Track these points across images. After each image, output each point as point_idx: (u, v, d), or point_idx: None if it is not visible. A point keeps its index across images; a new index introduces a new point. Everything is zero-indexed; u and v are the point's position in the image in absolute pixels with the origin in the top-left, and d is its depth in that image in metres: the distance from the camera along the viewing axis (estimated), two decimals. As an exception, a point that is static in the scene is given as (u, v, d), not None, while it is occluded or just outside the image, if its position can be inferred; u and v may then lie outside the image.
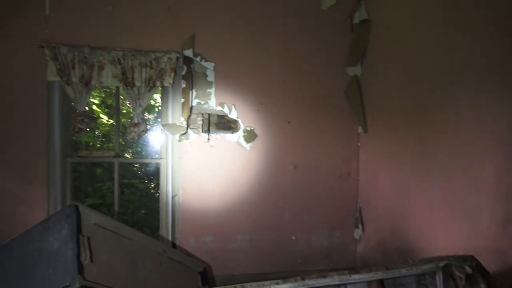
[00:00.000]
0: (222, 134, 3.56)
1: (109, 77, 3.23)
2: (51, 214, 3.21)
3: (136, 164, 5.30)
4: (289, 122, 3.68)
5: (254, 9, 3.58)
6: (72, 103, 3.26)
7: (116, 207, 3.52)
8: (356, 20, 3.70)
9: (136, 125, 3.33)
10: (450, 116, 2.52)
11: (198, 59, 3.47)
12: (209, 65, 3.50)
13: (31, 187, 3.24)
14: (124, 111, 5.19)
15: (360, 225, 3.77)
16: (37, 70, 3.18)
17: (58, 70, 3.13)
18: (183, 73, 3.43)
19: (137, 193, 5.40)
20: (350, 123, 3.80)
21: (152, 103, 5.66)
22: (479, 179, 2.24)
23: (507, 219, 2.04)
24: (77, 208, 2.32)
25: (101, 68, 3.20)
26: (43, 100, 3.22)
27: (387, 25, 3.33)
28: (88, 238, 2.26)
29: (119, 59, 3.21)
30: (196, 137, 3.51)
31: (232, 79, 3.55)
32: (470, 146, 2.33)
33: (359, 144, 3.84)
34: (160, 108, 5.34)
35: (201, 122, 3.48)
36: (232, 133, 3.57)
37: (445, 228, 2.59)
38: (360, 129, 3.77)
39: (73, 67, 3.14)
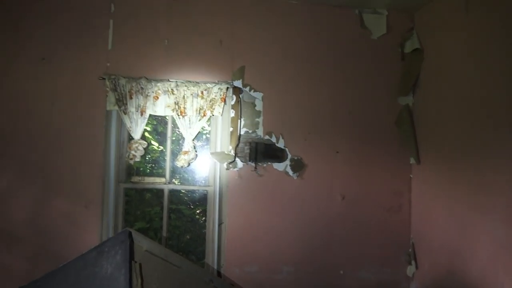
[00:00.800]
0: (269, 163, 3.56)
1: (163, 107, 3.38)
2: (105, 239, 3.34)
3: (182, 190, 5.43)
4: (337, 152, 3.62)
5: (303, 39, 3.63)
6: (128, 131, 3.42)
7: (164, 233, 3.58)
8: (407, 49, 3.63)
9: (186, 153, 3.42)
10: (515, 148, 2.36)
11: (247, 89, 3.55)
12: (258, 95, 3.56)
13: (87, 210, 3.38)
14: (174, 138, 5.38)
15: (413, 262, 3.56)
16: (98, 100, 3.39)
17: (117, 100, 3.32)
18: (232, 102, 3.52)
19: (183, 219, 5.49)
20: (402, 153, 3.67)
21: (200, 130, 5.81)
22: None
23: None
24: (130, 234, 2.38)
25: (155, 98, 3.35)
26: (101, 128, 3.40)
27: (441, 54, 3.24)
28: (140, 265, 2.31)
29: (172, 90, 3.36)
30: (243, 166, 3.54)
31: (280, 109, 3.58)
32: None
33: (411, 175, 3.68)
34: (208, 135, 5.48)
35: (248, 151, 3.51)
36: (279, 162, 3.56)
37: (511, 270, 2.38)
38: (412, 160, 3.62)
39: (131, 97, 3.32)
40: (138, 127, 3.37)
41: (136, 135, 3.37)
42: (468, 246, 2.81)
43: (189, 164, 3.47)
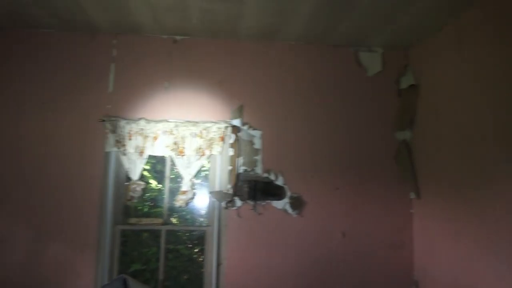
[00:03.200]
0: (268, 201, 3.52)
1: (162, 147, 3.37)
2: (100, 284, 3.23)
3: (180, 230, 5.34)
4: (337, 189, 3.59)
5: (300, 78, 3.69)
6: (127, 172, 3.40)
7: (161, 276, 3.48)
8: (403, 85, 3.70)
9: (185, 192, 3.39)
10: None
11: (245, 127, 3.57)
12: (256, 133, 3.57)
13: (82, 254, 3.28)
14: (172, 176, 5.35)
15: (419, 301, 3.46)
16: (97, 142, 3.38)
17: (116, 142, 3.32)
18: (231, 141, 3.52)
19: (180, 258, 5.36)
20: (402, 188, 3.65)
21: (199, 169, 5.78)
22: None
23: None
24: (125, 281, 2.31)
25: (155, 138, 3.36)
26: (100, 170, 3.37)
27: (436, 89, 3.29)
28: (137, 314, 2.22)
29: (171, 130, 3.37)
30: (242, 204, 3.49)
31: (279, 146, 3.59)
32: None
33: (412, 211, 3.64)
34: (205, 173, 5.44)
35: (247, 189, 3.47)
36: (279, 200, 3.53)
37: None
38: (412, 195, 3.60)
39: (130, 139, 3.33)
40: (136, 168, 3.35)
41: (135, 176, 3.35)
42: (474, 284, 2.74)
43: (187, 204, 3.44)
